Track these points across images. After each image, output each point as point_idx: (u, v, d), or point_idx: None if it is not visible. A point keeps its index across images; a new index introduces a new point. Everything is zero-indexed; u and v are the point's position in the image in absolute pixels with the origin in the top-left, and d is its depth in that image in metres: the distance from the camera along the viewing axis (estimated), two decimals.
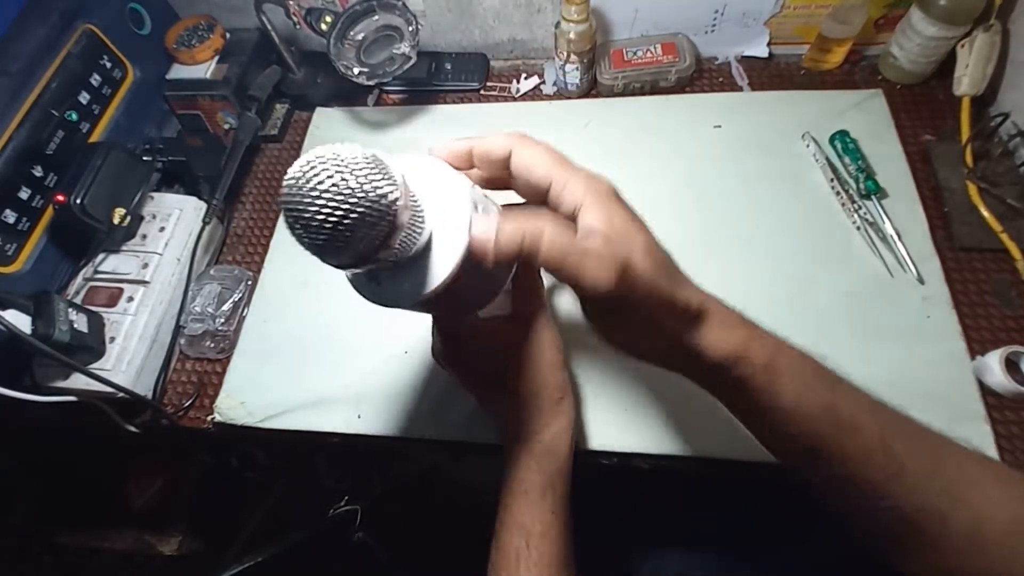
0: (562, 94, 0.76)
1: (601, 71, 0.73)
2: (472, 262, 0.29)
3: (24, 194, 0.59)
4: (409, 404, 0.57)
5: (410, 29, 0.69)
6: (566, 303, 0.57)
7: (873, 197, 0.60)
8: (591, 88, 0.76)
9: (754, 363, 0.30)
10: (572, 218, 0.30)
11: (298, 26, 0.71)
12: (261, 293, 0.66)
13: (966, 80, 0.62)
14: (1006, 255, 0.57)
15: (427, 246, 0.29)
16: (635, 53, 0.73)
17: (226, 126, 0.76)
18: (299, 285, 0.66)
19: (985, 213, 0.58)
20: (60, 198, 0.57)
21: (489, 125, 0.74)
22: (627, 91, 0.74)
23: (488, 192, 0.33)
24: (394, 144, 0.75)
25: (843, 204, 0.61)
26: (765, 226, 0.61)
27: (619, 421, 0.53)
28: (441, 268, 0.29)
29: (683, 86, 0.74)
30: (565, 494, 0.42)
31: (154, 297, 0.61)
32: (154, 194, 0.67)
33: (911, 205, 0.60)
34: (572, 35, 0.67)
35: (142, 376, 0.59)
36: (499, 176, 0.32)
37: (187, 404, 0.61)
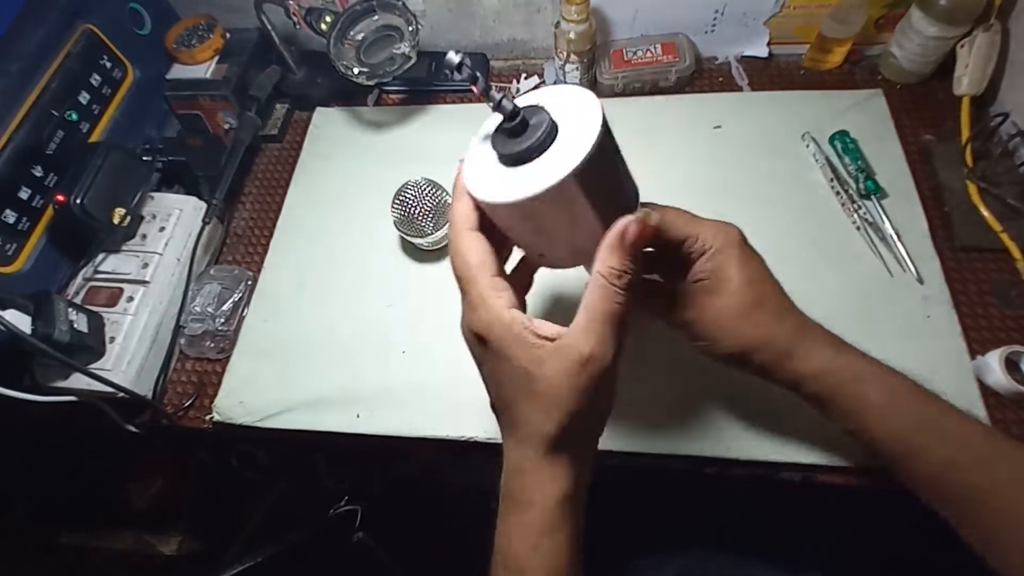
0: None
1: (601, 71, 0.73)
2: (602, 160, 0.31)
3: (24, 194, 0.59)
4: (408, 404, 0.57)
5: (410, 29, 0.69)
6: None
7: (873, 197, 0.60)
8: (591, 88, 0.76)
9: (845, 373, 0.36)
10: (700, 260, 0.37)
11: (298, 26, 0.71)
12: (261, 293, 0.66)
13: (966, 80, 0.62)
14: (1006, 255, 0.57)
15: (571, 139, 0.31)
16: (635, 53, 0.73)
17: (226, 126, 0.76)
18: (299, 285, 0.66)
19: (985, 213, 0.58)
20: (60, 198, 0.57)
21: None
22: (627, 91, 0.74)
23: None
24: (394, 144, 0.75)
25: (843, 204, 0.61)
26: (764, 226, 0.61)
27: (620, 421, 0.53)
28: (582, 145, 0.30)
29: (683, 86, 0.74)
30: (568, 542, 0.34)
31: (154, 297, 0.61)
32: (154, 194, 0.67)
33: (911, 205, 0.60)
34: (572, 35, 0.67)
35: (142, 376, 0.59)
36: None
37: (187, 404, 0.61)
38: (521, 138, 0.31)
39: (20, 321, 0.50)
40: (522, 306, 0.35)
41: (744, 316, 0.36)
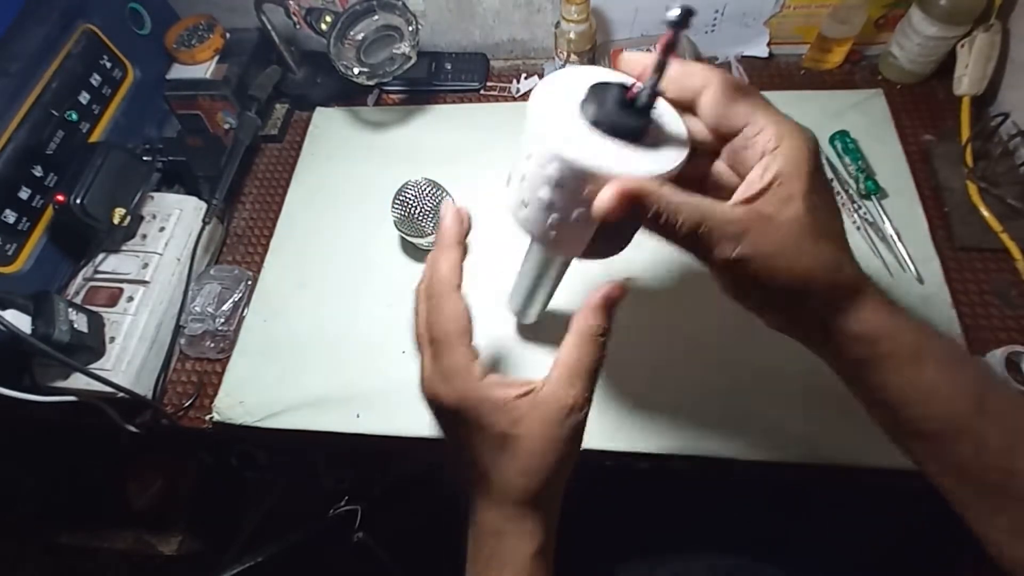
0: None
1: None
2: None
3: (24, 194, 0.59)
4: (409, 404, 0.57)
5: (410, 29, 0.69)
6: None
7: (873, 197, 0.60)
8: None
9: (900, 340, 0.29)
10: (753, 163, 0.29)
11: (298, 26, 0.71)
12: (261, 293, 0.66)
13: (966, 80, 0.62)
14: (1006, 255, 0.57)
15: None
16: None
17: (226, 126, 0.76)
18: (299, 285, 0.66)
19: (985, 213, 0.58)
20: (60, 198, 0.57)
21: (489, 125, 0.74)
22: None
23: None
24: (394, 144, 0.75)
25: (843, 204, 0.61)
26: None
27: (619, 421, 0.53)
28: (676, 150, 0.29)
29: None
30: None
31: (154, 297, 0.61)
32: (154, 194, 0.67)
33: (911, 205, 0.60)
34: (572, 35, 0.67)
35: (142, 376, 0.59)
36: (682, 100, 0.31)
37: (187, 404, 0.61)
38: (639, 117, 0.28)
39: (20, 321, 0.50)
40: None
41: (812, 240, 0.27)
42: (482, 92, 0.79)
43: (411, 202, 0.59)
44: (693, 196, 0.27)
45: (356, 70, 0.69)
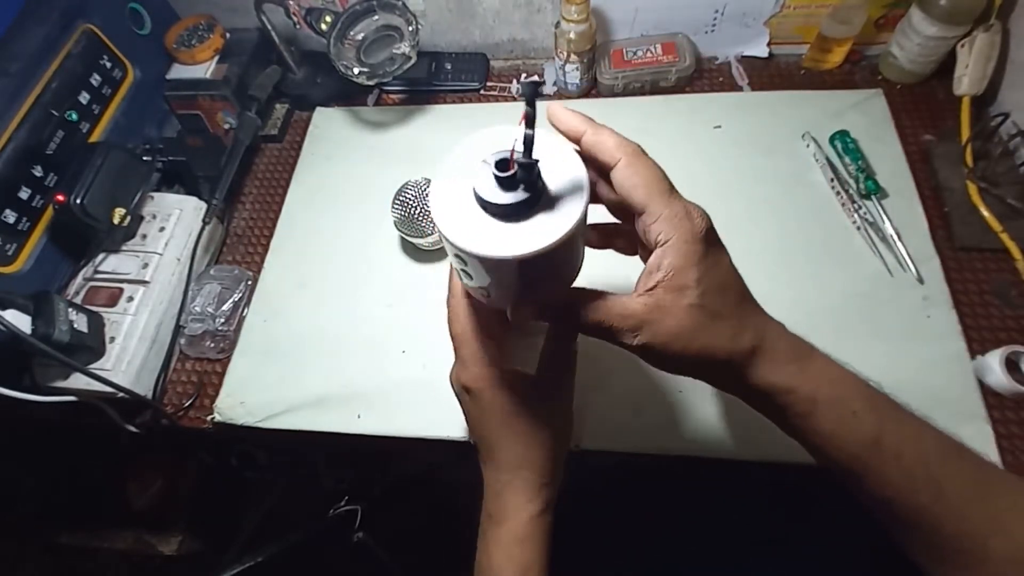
0: (562, 94, 0.76)
1: (601, 71, 0.73)
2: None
3: (24, 194, 0.59)
4: (409, 404, 0.57)
5: (410, 29, 0.69)
6: None
7: (873, 197, 0.60)
8: (591, 88, 0.76)
9: (796, 394, 0.31)
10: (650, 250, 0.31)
11: (298, 26, 0.71)
12: (261, 293, 0.66)
13: (966, 80, 0.62)
14: (1006, 255, 0.57)
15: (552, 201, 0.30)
16: (635, 53, 0.73)
17: (226, 126, 0.76)
18: (299, 285, 0.66)
19: (985, 213, 0.58)
20: (60, 198, 0.57)
21: (489, 125, 0.74)
22: (627, 91, 0.74)
23: None
24: (394, 144, 0.75)
25: (843, 204, 0.61)
26: (765, 226, 0.61)
27: (619, 421, 0.53)
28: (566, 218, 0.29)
29: (683, 86, 0.74)
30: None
31: (154, 297, 0.61)
32: (154, 194, 0.67)
33: (911, 205, 0.60)
34: (572, 35, 0.67)
35: (142, 376, 0.59)
36: (598, 169, 0.32)
37: (187, 404, 0.61)
38: (517, 192, 0.29)
39: (20, 321, 0.50)
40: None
41: (706, 320, 0.30)
42: (482, 92, 0.79)
43: (411, 202, 0.59)
44: (595, 299, 0.31)
45: (356, 70, 0.69)
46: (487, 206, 0.29)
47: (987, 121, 0.62)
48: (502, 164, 0.29)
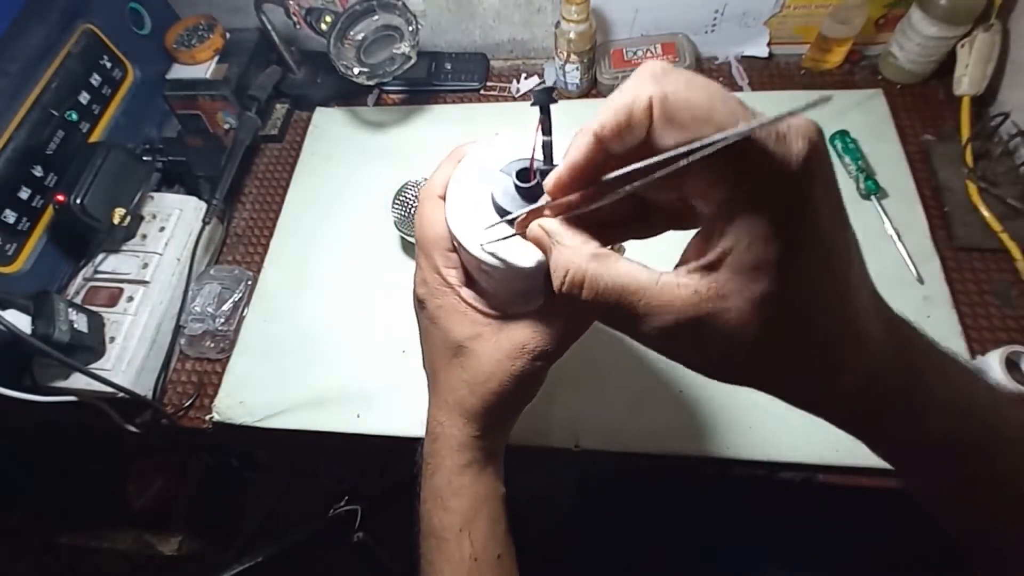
0: (562, 94, 0.76)
1: (601, 71, 0.73)
2: None
3: (24, 194, 0.59)
4: (409, 404, 0.57)
5: (410, 29, 0.69)
6: None
7: (873, 197, 0.60)
8: (591, 88, 0.76)
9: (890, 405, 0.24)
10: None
11: (298, 26, 0.71)
12: (261, 293, 0.66)
13: (966, 80, 0.62)
14: (1006, 255, 0.57)
15: None
16: (635, 53, 0.73)
17: (226, 126, 0.76)
18: (299, 285, 0.66)
19: (985, 213, 0.58)
20: (60, 198, 0.57)
21: (489, 125, 0.74)
22: None
23: None
24: (394, 144, 0.75)
25: None
26: None
27: (619, 421, 0.53)
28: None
29: None
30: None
31: (154, 297, 0.61)
32: (154, 194, 0.67)
33: (911, 205, 0.60)
34: (572, 35, 0.67)
35: (142, 376, 0.59)
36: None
37: (187, 404, 0.61)
38: (538, 201, 0.27)
39: (20, 321, 0.50)
40: None
41: (768, 344, 0.20)
42: (482, 92, 0.79)
43: (411, 202, 0.59)
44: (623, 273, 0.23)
45: (356, 70, 0.69)
46: (506, 215, 0.29)
47: (987, 121, 0.62)
48: (523, 175, 0.28)
